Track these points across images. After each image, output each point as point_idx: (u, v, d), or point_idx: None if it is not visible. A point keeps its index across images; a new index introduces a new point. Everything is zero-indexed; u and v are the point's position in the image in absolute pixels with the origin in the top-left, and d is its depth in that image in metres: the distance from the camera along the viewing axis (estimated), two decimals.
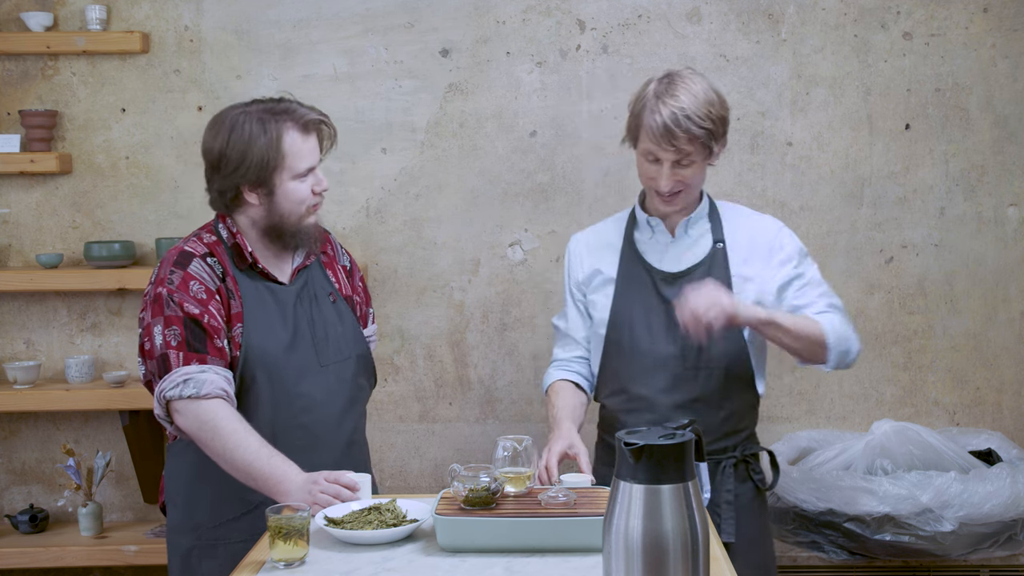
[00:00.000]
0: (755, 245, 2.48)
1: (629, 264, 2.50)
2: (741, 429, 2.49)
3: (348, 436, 2.41)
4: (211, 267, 2.28)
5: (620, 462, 1.58)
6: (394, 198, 3.46)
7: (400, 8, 3.42)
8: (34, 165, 3.34)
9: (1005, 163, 3.42)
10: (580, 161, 3.44)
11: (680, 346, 2.41)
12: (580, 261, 2.59)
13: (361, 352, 2.45)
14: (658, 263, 2.48)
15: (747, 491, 2.48)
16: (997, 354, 3.46)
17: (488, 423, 3.51)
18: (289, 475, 2.17)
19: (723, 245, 2.47)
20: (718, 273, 2.43)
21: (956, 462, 3.05)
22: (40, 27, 3.37)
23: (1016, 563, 3.03)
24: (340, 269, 2.51)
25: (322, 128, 2.34)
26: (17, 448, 3.54)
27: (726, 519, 2.42)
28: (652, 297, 2.45)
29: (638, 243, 2.52)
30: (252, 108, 2.31)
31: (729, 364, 2.44)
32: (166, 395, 2.21)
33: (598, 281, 2.54)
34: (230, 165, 2.27)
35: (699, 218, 2.49)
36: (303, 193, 2.30)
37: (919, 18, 3.39)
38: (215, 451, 2.20)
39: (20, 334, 3.50)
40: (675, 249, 2.49)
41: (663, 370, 2.43)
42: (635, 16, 3.41)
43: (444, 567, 1.89)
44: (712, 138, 2.36)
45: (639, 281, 2.48)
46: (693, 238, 2.49)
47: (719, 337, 2.38)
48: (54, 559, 3.31)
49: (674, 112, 2.31)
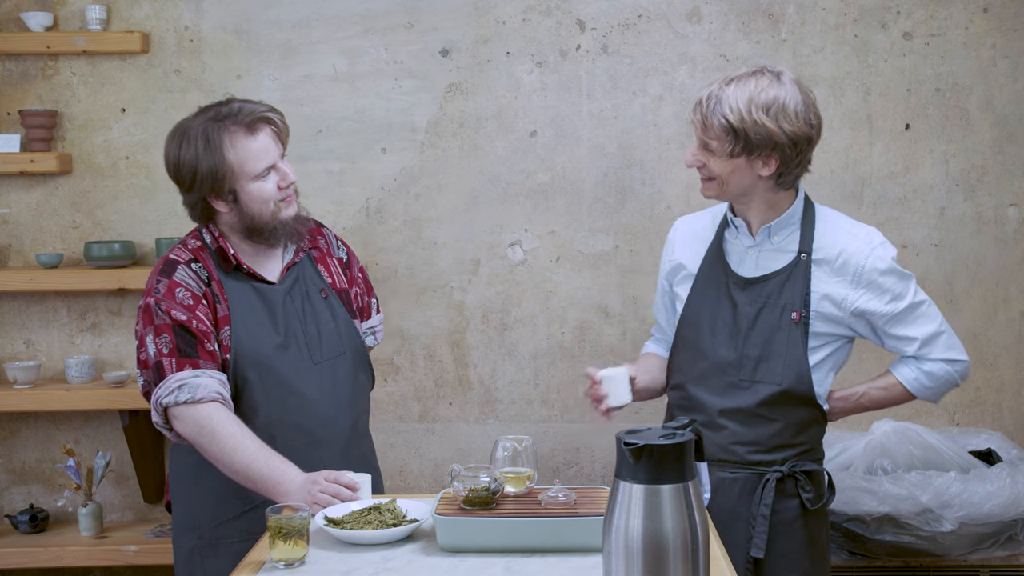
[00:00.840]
0: (843, 261, 2.33)
1: (711, 262, 2.44)
2: (795, 444, 2.38)
3: (348, 432, 2.41)
4: (196, 272, 2.29)
5: (620, 462, 1.58)
6: (394, 198, 3.46)
7: (400, 8, 3.42)
8: (34, 165, 3.34)
9: (1005, 163, 3.42)
10: (580, 161, 3.44)
11: (739, 355, 2.35)
12: (671, 251, 2.54)
13: (356, 347, 2.44)
14: (737, 266, 2.40)
15: (790, 508, 2.36)
16: (997, 354, 3.46)
17: (488, 423, 3.51)
18: (288, 475, 2.17)
19: (807, 257, 2.34)
20: (796, 285, 2.33)
21: (956, 462, 3.05)
22: (40, 27, 3.37)
23: (1016, 563, 3.03)
24: (335, 262, 2.49)
25: (271, 121, 2.30)
26: (17, 448, 3.54)
27: (759, 533, 2.33)
28: (723, 299, 2.38)
29: (726, 242, 2.44)
30: (198, 118, 2.28)
31: (787, 383, 2.34)
32: (162, 402, 2.22)
33: (682, 275, 2.49)
34: (186, 182, 2.27)
35: (785, 225, 2.37)
36: (268, 192, 2.28)
37: (919, 18, 3.39)
38: (214, 455, 2.20)
39: (20, 334, 3.51)
40: (756, 254, 2.39)
41: (718, 375, 2.38)
42: (635, 16, 3.41)
43: (444, 567, 1.89)
44: (733, 136, 2.25)
45: (715, 281, 2.41)
46: (776, 244, 2.37)
47: (781, 352, 2.32)
48: (54, 559, 3.31)
49: (714, 91, 2.28)
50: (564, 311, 3.48)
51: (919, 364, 2.38)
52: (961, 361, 2.39)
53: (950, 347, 2.38)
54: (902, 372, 2.41)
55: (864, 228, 2.39)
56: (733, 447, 2.36)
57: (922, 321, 2.36)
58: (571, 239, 3.46)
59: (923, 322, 2.36)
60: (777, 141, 2.25)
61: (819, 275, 2.33)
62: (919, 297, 2.36)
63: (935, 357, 2.37)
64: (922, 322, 2.36)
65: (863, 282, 2.32)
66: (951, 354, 2.38)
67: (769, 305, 2.34)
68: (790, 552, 2.36)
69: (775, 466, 2.36)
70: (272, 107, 2.32)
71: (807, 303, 2.32)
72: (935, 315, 2.38)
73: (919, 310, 2.36)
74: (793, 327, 2.32)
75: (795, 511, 2.36)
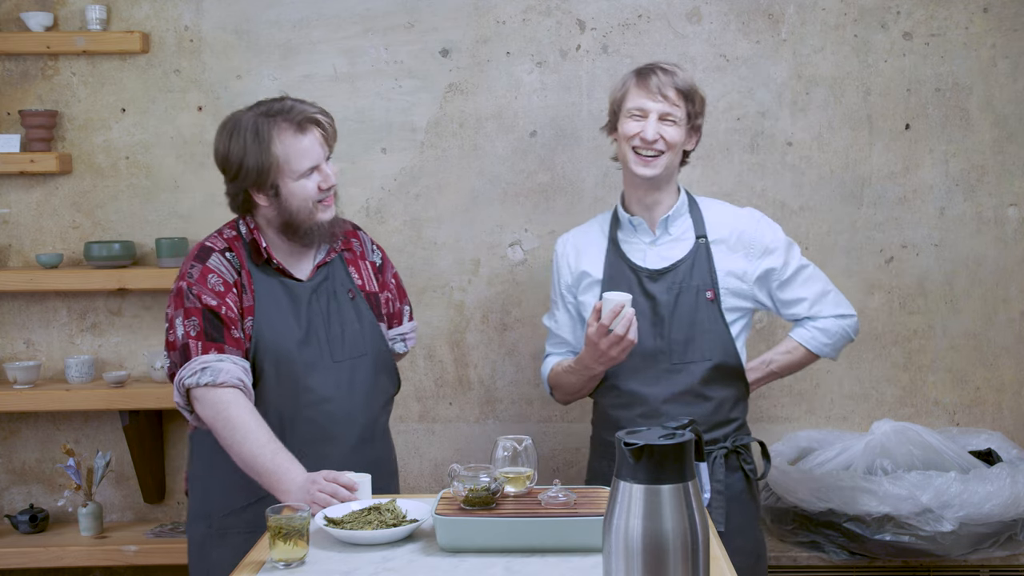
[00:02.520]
0: (736, 238, 2.55)
1: (614, 264, 2.56)
2: (732, 420, 2.55)
3: (361, 432, 2.43)
4: (229, 261, 2.35)
5: (620, 462, 1.58)
6: (394, 198, 3.46)
7: (400, 8, 3.42)
8: (34, 165, 3.34)
9: (1005, 163, 3.41)
10: (580, 161, 3.44)
11: (667, 341, 2.49)
12: (568, 263, 2.65)
13: (379, 349, 2.48)
14: (642, 261, 2.55)
15: (737, 481, 2.54)
16: (997, 354, 3.46)
17: (488, 423, 3.51)
18: (291, 474, 2.18)
19: (706, 240, 2.53)
20: (702, 267, 2.50)
21: (956, 462, 3.05)
22: (40, 27, 3.37)
23: (1016, 563, 3.03)
24: (367, 266, 2.54)
25: (320, 124, 2.35)
26: (17, 448, 3.54)
27: (716, 509, 2.47)
28: (638, 295, 2.50)
29: (621, 243, 2.58)
30: (251, 112, 2.34)
31: (717, 358, 2.50)
32: (185, 383, 2.26)
33: (586, 283, 2.60)
34: (231, 171, 2.34)
35: (679, 215, 2.56)
36: (309, 191, 2.33)
37: (919, 18, 3.39)
38: (226, 441, 2.24)
39: (20, 334, 3.50)
40: (657, 246, 2.55)
41: (651, 366, 2.50)
42: (635, 16, 3.41)
43: (444, 567, 1.89)
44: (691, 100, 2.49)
45: (624, 280, 2.53)
46: (674, 235, 2.55)
47: (706, 331, 2.47)
48: (54, 559, 3.31)
49: (663, 66, 2.52)
50: None
51: (813, 323, 2.62)
52: (850, 316, 2.65)
53: (838, 304, 2.64)
54: (799, 333, 2.65)
55: (747, 209, 2.65)
56: None
57: (811, 283, 2.61)
58: None
59: (811, 283, 2.61)
60: (703, 106, 2.54)
61: (719, 254, 2.53)
62: (803, 262, 2.62)
63: (826, 315, 2.62)
64: (810, 284, 2.61)
65: (757, 251, 2.55)
66: (840, 310, 2.63)
67: (684, 289, 2.50)
68: (742, 523, 2.53)
69: (719, 443, 2.52)
70: (323, 110, 2.38)
71: (714, 281, 2.50)
72: (820, 276, 2.64)
73: (805, 272, 2.61)
74: (710, 305, 2.49)
75: (740, 484, 2.54)
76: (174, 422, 3.52)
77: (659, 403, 2.48)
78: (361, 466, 2.33)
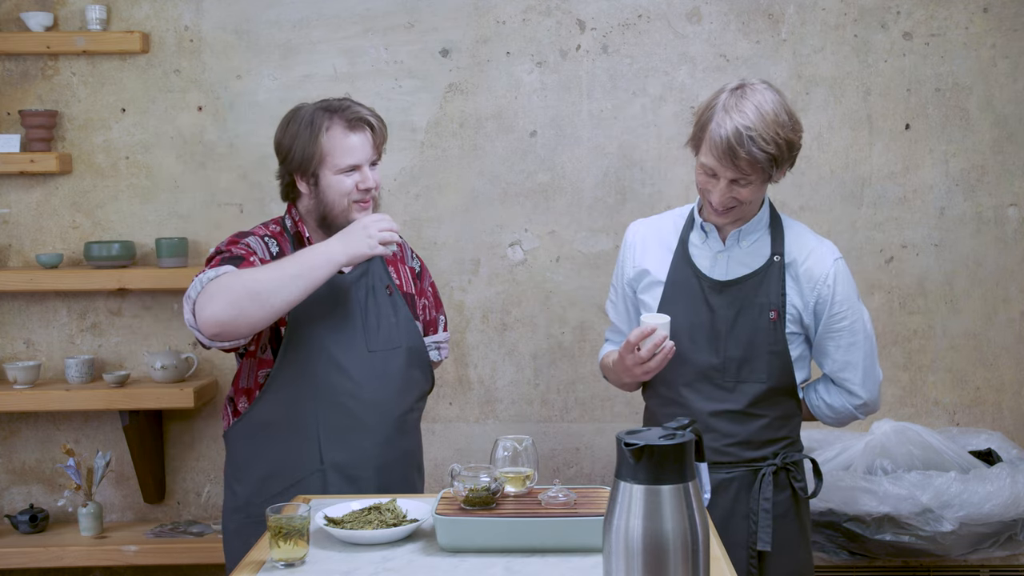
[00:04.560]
0: (808, 267, 2.40)
1: (680, 268, 2.44)
2: (781, 438, 2.44)
3: (393, 424, 2.45)
4: (267, 245, 2.40)
5: (620, 462, 1.58)
6: (394, 198, 3.46)
7: (400, 8, 3.42)
8: (34, 165, 3.34)
9: (1005, 163, 3.42)
10: (580, 161, 3.44)
11: (722, 359, 2.38)
12: (633, 256, 2.53)
13: (413, 344, 2.51)
14: (709, 270, 2.42)
15: (785, 499, 2.42)
16: (997, 354, 3.46)
17: (488, 423, 3.51)
18: (327, 241, 2.28)
19: (780, 259, 2.39)
20: (770, 285, 2.37)
21: (956, 462, 3.05)
22: (40, 27, 3.37)
23: (1016, 563, 3.03)
24: (407, 270, 2.59)
25: (372, 126, 2.43)
26: (17, 448, 3.54)
27: (763, 527, 2.37)
28: (699, 304, 2.40)
29: (691, 246, 2.45)
30: (313, 105, 2.45)
31: (772, 381, 2.39)
32: (191, 296, 2.21)
33: (647, 282, 2.49)
34: (282, 154, 2.44)
35: (754, 229, 2.42)
36: (346, 186, 2.39)
37: (919, 18, 3.39)
38: (255, 287, 2.18)
39: (20, 334, 3.50)
40: (726, 257, 2.42)
41: (704, 380, 2.40)
42: (635, 16, 3.41)
43: (444, 567, 1.89)
44: (774, 164, 2.27)
45: (687, 287, 2.42)
46: (744, 248, 2.41)
47: (764, 352, 2.36)
48: (54, 559, 3.31)
49: (739, 129, 2.22)
50: (564, 311, 3.48)
51: (826, 393, 2.48)
52: (863, 404, 2.47)
53: (864, 383, 2.44)
54: (809, 397, 2.52)
55: (826, 241, 2.46)
56: (727, 448, 2.38)
57: (852, 351, 2.42)
58: (571, 239, 3.46)
59: (852, 351, 2.42)
60: (796, 149, 2.33)
61: (789, 277, 2.39)
62: (859, 325, 2.42)
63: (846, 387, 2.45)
64: (852, 351, 2.42)
65: (824, 290, 2.38)
66: (862, 394, 2.45)
67: (747, 306, 2.38)
68: (787, 541, 2.42)
69: (768, 460, 2.41)
70: (377, 115, 2.47)
71: (783, 302, 2.37)
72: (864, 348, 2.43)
73: (856, 336, 2.41)
74: (772, 326, 2.37)
75: (788, 502, 2.43)
76: (174, 422, 3.52)
77: (706, 416, 2.38)
78: (392, 456, 2.41)
